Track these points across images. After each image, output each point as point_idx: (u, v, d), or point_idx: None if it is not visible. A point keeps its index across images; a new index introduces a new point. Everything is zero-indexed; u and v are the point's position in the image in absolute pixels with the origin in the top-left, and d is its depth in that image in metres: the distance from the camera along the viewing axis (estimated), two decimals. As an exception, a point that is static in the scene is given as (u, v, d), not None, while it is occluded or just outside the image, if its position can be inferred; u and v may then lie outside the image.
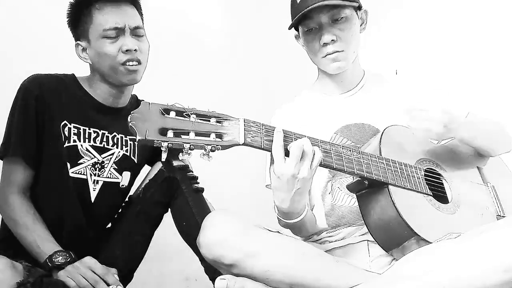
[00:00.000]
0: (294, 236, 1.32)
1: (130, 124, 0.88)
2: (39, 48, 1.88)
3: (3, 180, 1.34)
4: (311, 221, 1.27)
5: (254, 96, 2.35)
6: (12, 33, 1.86)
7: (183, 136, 0.91)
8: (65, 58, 1.70)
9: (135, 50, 1.34)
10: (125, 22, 1.35)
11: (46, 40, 1.90)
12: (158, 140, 0.89)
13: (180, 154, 0.92)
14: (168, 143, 0.90)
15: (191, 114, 0.94)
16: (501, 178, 1.37)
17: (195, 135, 0.92)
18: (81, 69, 1.46)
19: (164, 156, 0.90)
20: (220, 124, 0.96)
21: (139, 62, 1.36)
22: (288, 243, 1.14)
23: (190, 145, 0.91)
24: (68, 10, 1.41)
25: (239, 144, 0.97)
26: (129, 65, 1.35)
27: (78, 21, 1.38)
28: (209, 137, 0.93)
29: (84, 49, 1.39)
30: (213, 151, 0.93)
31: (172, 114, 0.92)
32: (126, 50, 1.34)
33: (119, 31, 1.34)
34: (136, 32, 1.37)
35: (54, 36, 1.88)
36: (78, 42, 1.40)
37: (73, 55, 1.44)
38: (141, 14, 1.44)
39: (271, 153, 1.02)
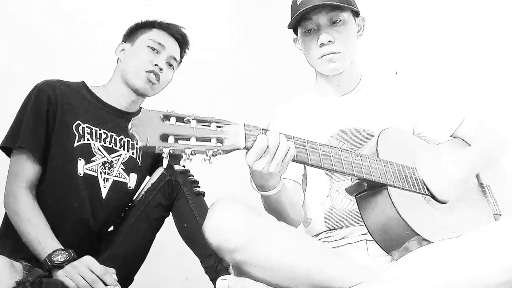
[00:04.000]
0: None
1: (130, 130, 0.88)
2: (45, 54, 1.90)
3: (11, 174, 1.36)
4: (290, 201, 1.25)
5: (254, 100, 2.35)
6: (15, 38, 1.87)
7: (184, 142, 0.90)
8: (72, 65, 1.72)
9: (161, 69, 1.48)
10: (169, 47, 1.53)
11: (52, 47, 1.92)
12: (159, 146, 0.88)
13: (182, 160, 0.92)
14: (170, 149, 0.89)
15: (191, 119, 0.93)
16: (496, 179, 1.38)
17: (196, 141, 0.91)
18: (87, 77, 1.52)
19: (165, 162, 0.90)
20: (221, 129, 0.95)
21: (158, 81, 1.49)
22: (292, 232, 1.13)
23: (192, 150, 0.90)
24: (133, 25, 1.58)
25: (240, 148, 0.97)
26: (150, 76, 1.46)
27: (135, 32, 1.56)
28: (210, 142, 0.93)
29: (123, 50, 1.53)
30: (215, 156, 0.93)
31: (173, 120, 0.92)
32: (155, 65, 1.48)
33: (161, 48, 1.50)
34: (170, 61, 1.54)
35: (60, 43, 1.91)
36: (123, 42, 1.56)
37: (79, 62, 1.44)
38: (181, 58, 1.61)
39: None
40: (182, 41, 1.59)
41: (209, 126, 0.95)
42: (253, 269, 1.07)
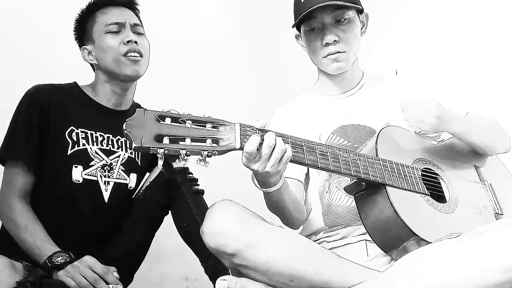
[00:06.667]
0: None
1: (125, 131, 0.88)
2: (38, 56, 1.90)
3: (5, 184, 1.36)
4: (292, 199, 1.24)
5: (253, 99, 2.35)
6: (12, 39, 1.87)
7: (179, 142, 0.91)
8: (65, 67, 1.72)
9: (135, 42, 1.42)
10: (125, 18, 1.44)
11: (45, 47, 1.92)
12: (154, 147, 0.89)
13: (177, 160, 0.92)
14: (164, 150, 0.89)
15: (186, 120, 0.93)
16: (498, 177, 1.37)
17: (191, 141, 0.92)
18: (80, 79, 1.50)
19: (160, 162, 0.90)
20: (216, 129, 0.95)
21: (140, 54, 1.43)
22: (290, 235, 1.14)
23: (186, 151, 0.91)
24: (75, 22, 1.50)
25: (236, 149, 0.97)
26: (130, 55, 1.41)
27: (84, 28, 1.48)
28: (205, 142, 0.93)
29: (89, 52, 1.46)
30: (210, 156, 0.93)
31: (168, 120, 0.92)
32: (128, 41, 1.41)
33: (120, 26, 1.43)
34: (136, 29, 1.46)
35: (53, 44, 1.91)
36: (84, 46, 1.48)
37: (72, 64, 1.46)
38: (139, 20, 1.51)
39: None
40: (130, 4, 1.50)
41: (205, 126, 0.95)
42: (252, 273, 1.08)
